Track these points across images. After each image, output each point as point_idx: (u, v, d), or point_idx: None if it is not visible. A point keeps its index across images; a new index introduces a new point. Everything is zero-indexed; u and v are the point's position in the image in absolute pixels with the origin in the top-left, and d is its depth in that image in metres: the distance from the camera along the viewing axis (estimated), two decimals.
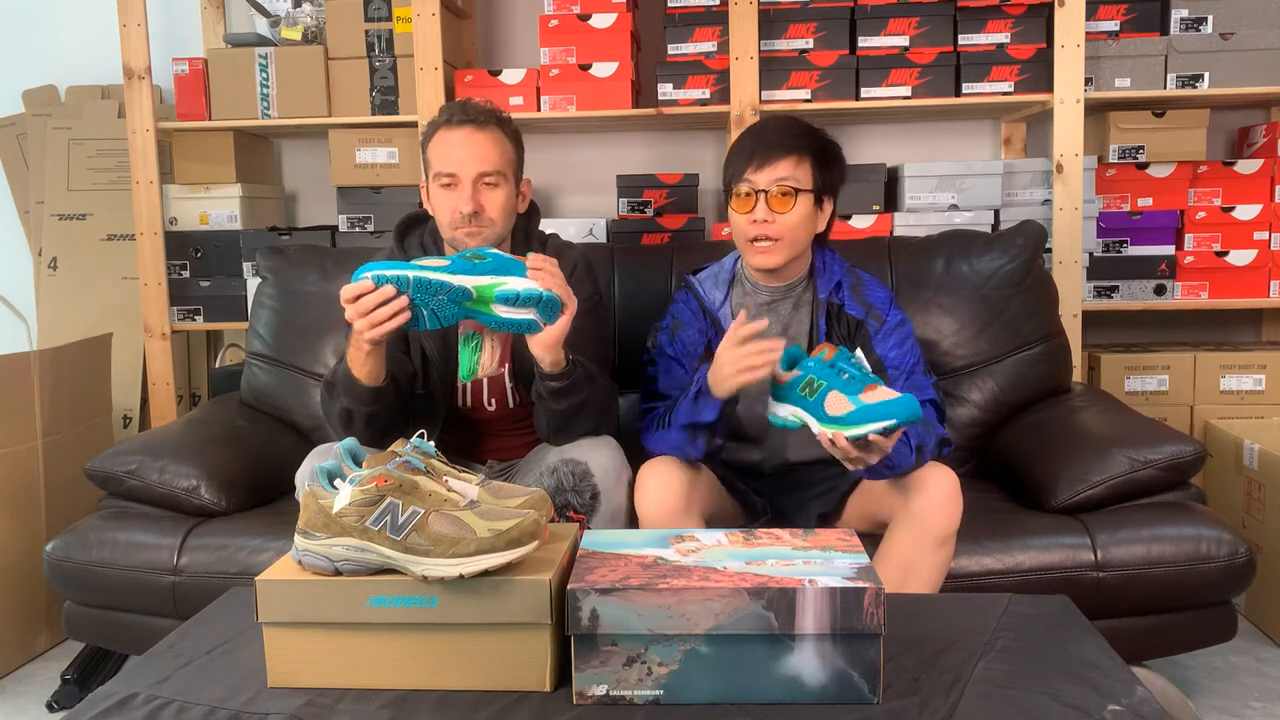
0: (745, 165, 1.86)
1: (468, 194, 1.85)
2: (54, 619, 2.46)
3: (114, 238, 3.12)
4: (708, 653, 1.19)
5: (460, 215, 1.85)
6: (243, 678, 1.28)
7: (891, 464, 1.68)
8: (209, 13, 3.18)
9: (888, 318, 1.92)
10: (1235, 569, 1.88)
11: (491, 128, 1.89)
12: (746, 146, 1.88)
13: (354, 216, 2.94)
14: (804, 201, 1.86)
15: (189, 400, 3.20)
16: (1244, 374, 2.79)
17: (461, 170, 1.85)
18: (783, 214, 1.84)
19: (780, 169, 1.84)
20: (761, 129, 1.91)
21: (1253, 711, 2.06)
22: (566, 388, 1.77)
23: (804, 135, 1.88)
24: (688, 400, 1.78)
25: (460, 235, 1.87)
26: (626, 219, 2.90)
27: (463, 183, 1.85)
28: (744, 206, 1.86)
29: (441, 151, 1.88)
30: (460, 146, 1.86)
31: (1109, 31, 2.80)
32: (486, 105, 1.92)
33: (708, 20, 2.77)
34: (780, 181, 1.84)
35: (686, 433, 1.77)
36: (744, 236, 1.88)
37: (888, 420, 1.57)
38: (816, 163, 1.87)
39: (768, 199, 1.84)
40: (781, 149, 1.85)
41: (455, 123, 1.88)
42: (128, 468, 2.09)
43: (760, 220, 1.84)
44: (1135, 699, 1.17)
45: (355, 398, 1.78)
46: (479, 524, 1.21)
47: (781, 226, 1.85)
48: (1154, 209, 2.85)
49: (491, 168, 1.87)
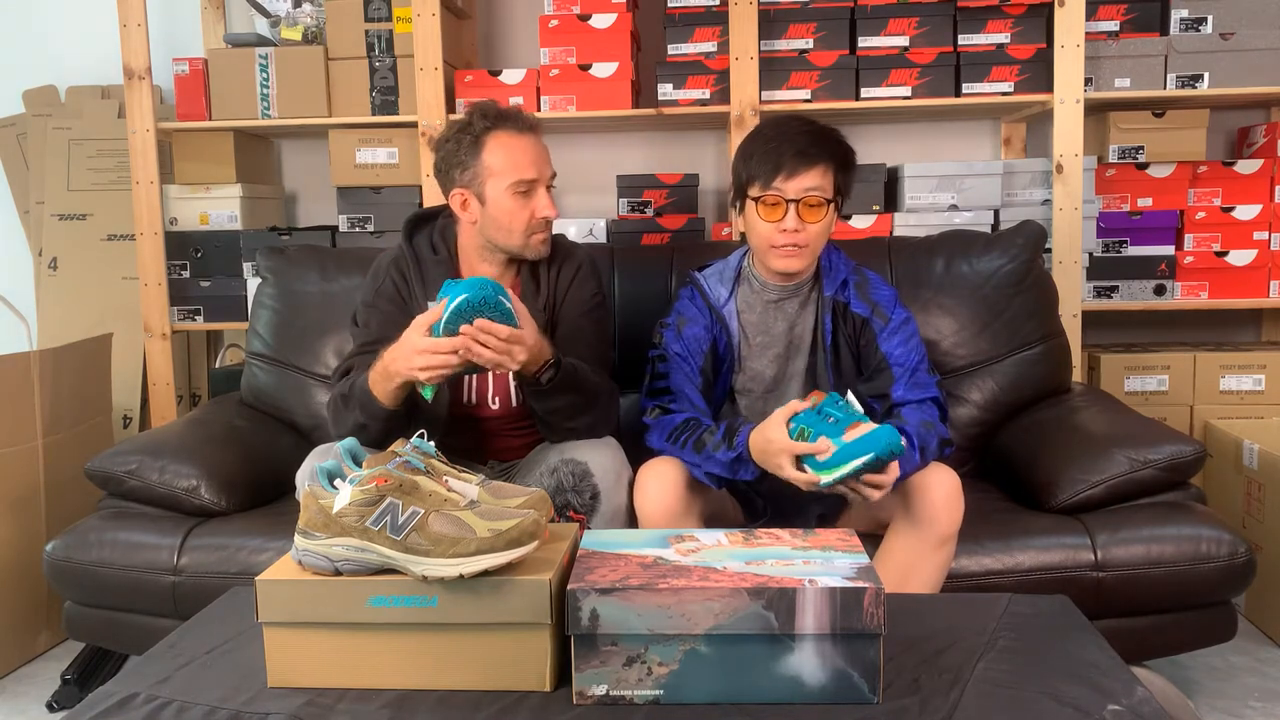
0: (774, 173, 1.84)
1: (548, 199, 1.90)
2: (54, 619, 2.46)
3: (114, 238, 3.12)
4: (708, 653, 1.19)
5: (541, 221, 1.89)
6: (243, 678, 1.28)
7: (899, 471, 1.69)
8: (209, 13, 3.18)
9: (893, 315, 1.92)
10: (1235, 569, 1.88)
11: (539, 132, 1.93)
12: (773, 153, 1.85)
13: (354, 216, 2.94)
14: (830, 210, 1.87)
15: (189, 400, 3.20)
16: (1244, 374, 2.79)
17: (542, 176, 1.89)
18: (813, 223, 1.85)
19: (810, 179, 1.84)
20: (785, 135, 1.86)
21: (1253, 711, 2.06)
22: (546, 391, 1.80)
23: (831, 144, 1.88)
24: (721, 460, 1.76)
25: (536, 241, 1.91)
26: (626, 219, 2.90)
27: (541, 188, 1.89)
28: (773, 215, 1.85)
29: (515, 157, 1.87)
30: (534, 151, 1.89)
31: (1109, 31, 2.80)
32: (518, 109, 1.95)
33: (708, 20, 2.77)
34: (810, 191, 1.83)
35: (711, 479, 1.79)
36: (768, 242, 1.87)
37: (866, 455, 1.58)
38: (840, 170, 1.88)
39: (798, 208, 1.84)
40: (811, 159, 1.84)
41: (521, 128, 1.89)
42: (128, 468, 2.09)
43: (791, 230, 1.84)
44: (1135, 699, 1.17)
45: (372, 416, 1.80)
46: (479, 524, 1.21)
47: (809, 234, 1.85)
48: (1154, 209, 2.85)
49: (553, 173, 1.93)
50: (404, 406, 1.80)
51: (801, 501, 1.98)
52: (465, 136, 1.88)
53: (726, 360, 1.96)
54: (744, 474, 1.75)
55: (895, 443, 1.58)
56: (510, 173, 1.86)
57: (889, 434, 1.58)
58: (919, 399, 1.85)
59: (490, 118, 1.88)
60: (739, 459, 1.74)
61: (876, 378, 1.89)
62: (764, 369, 1.97)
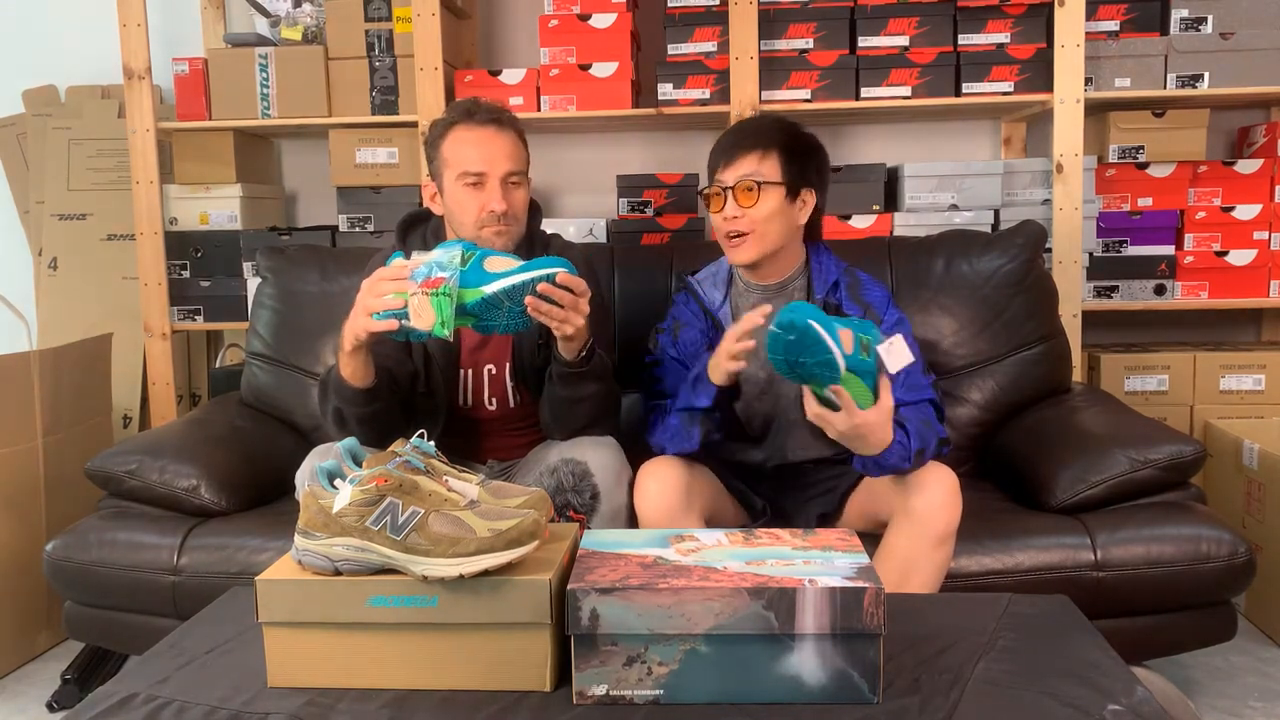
0: (715, 166, 1.91)
1: (498, 193, 1.85)
2: (54, 619, 2.46)
3: (114, 238, 3.12)
4: (708, 653, 1.19)
5: (490, 214, 1.85)
6: (243, 678, 1.28)
7: (881, 462, 1.69)
8: (209, 13, 3.18)
9: (885, 317, 1.92)
10: (1235, 569, 1.88)
11: (509, 128, 1.90)
12: (717, 148, 1.92)
13: (354, 216, 2.94)
14: (772, 195, 1.86)
15: (189, 400, 3.20)
16: (1244, 374, 2.79)
17: (491, 169, 1.85)
18: (749, 208, 1.86)
19: (744, 165, 1.87)
20: (730, 130, 1.96)
21: (1253, 711, 2.06)
22: (578, 375, 1.79)
23: (769, 130, 1.90)
24: (686, 385, 1.80)
25: (488, 234, 1.86)
26: (626, 219, 2.90)
27: (491, 181, 1.85)
28: (715, 206, 1.90)
29: (465, 150, 1.86)
30: (487, 145, 1.86)
31: (1109, 31, 2.80)
32: (496, 104, 1.92)
33: (708, 20, 2.77)
34: (744, 177, 1.86)
35: (683, 418, 1.79)
36: (720, 234, 1.91)
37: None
38: (784, 155, 1.88)
39: (734, 194, 1.86)
40: (743, 146, 1.88)
41: (478, 121, 1.87)
42: (128, 468, 2.09)
43: (730, 216, 1.86)
44: (1135, 699, 1.17)
45: (345, 399, 1.78)
46: (479, 524, 1.21)
47: (750, 220, 1.86)
48: (1154, 209, 2.85)
49: (517, 167, 1.88)
50: (377, 386, 1.76)
51: (801, 501, 1.99)
52: (435, 130, 1.91)
53: None
54: (701, 396, 1.76)
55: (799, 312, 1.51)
56: (458, 164, 1.86)
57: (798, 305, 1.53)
58: (915, 400, 1.85)
59: (457, 112, 1.90)
60: (698, 377, 1.77)
61: None
62: (756, 370, 1.96)
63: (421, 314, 1.57)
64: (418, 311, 1.57)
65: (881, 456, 1.68)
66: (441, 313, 1.56)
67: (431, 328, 1.57)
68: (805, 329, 1.51)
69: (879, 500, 1.83)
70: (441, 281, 1.56)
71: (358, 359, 1.72)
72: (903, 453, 1.69)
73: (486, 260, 1.61)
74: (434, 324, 1.56)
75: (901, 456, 1.69)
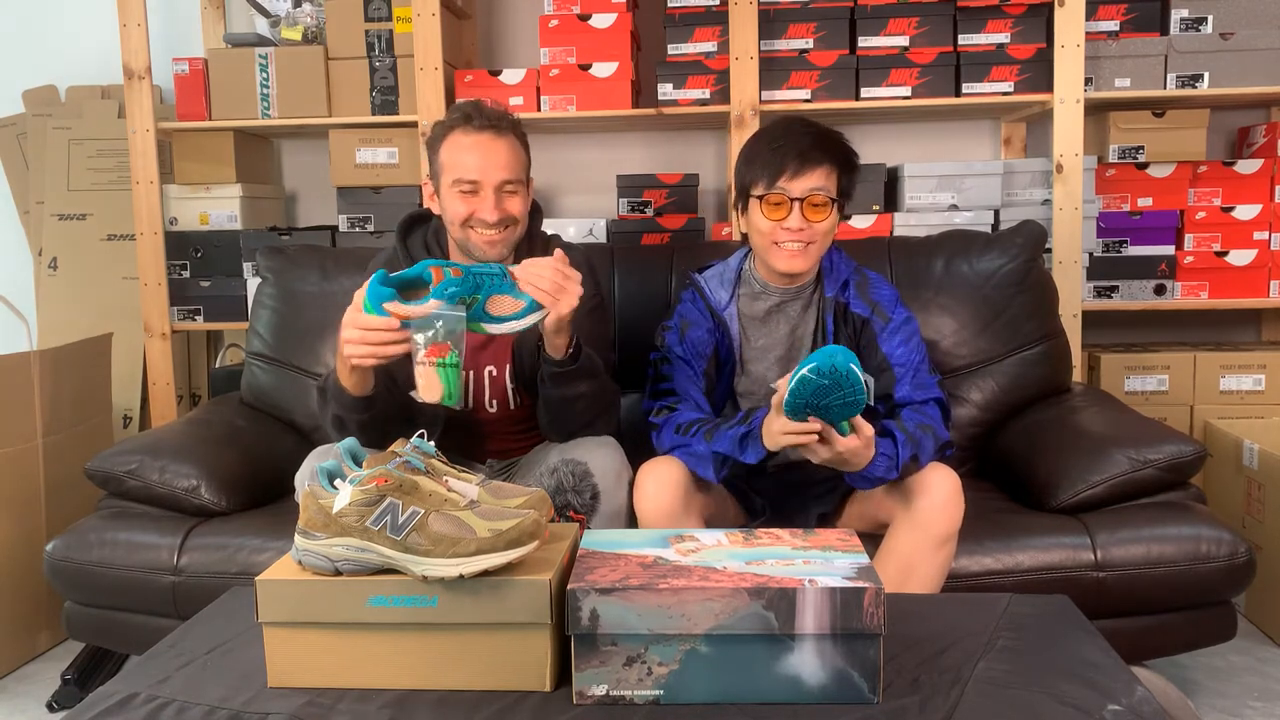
0: (778, 173, 1.85)
1: (491, 202, 1.84)
2: (54, 619, 2.46)
3: (114, 238, 3.12)
4: (708, 653, 1.19)
5: (482, 222, 1.84)
6: (243, 678, 1.28)
7: (867, 475, 1.71)
8: (209, 13, 3.18)
9: (893, 315, 1.93)
10: (1235, 569, 1.88)
11: (508, 133, 1.88)
12: (777, 153, 1.86)
13: (354, 216, 2.94)
14: (834, 210, 1.88)
15: (189, 400, 3.20)
16: (1244, 374, 2.79)
17: (485, 178, 1.84)
18: (817, 222, 1.85)
19: (815, 178, 1.84)
20: (790, 136, 1.88)
21: (1253, 711, 2.06)
22: (567, 374, 1.78)
23: (835, 146, 1.89)
24: (731, 435, 1.76)
25: (481, 242, 1.86)
26: (626, 219, 2.90)
27: (485, 190, 1.84)
28: (776, 214, 1.85)
29: (460, 157, 1.85)
30: (482, 153, 1.84)
31: (1109, 31, 2.80)
32: (498, 108, 1.91)
33: (708, 20, 2.77)
34: (815, 191, 1.84)
35: (715, 457, 1.77)
36: (771, 240, 1.87)
37: (809, 364, 1.56)
38: (842, 171, 1.89)
39: (803, 207, 1.84)
40: (815, 159, 1.85)
41: (475, 126, 1.85)
42: (128, 468, 2.09)
43: (795, 228, 1.84)
44: (1135, 699, 1.17)
45: (344, 406, 1.77)
46: (479, 524, 1.21)
47: (814, 233, 1.86)
48: (1154, 209, 2.85)
49: (513, 176, 1.86)
50: (377, 393, 1.75)
51: (802, 501, 1.99)
52: (436, 132, 1.91)
53: (728, 363, 1.96)
54: (749, 454, 1.73)
55: (840, 356, 1.54)
56: (453, 170, 1.85)
57: (836, 350, 1.55)
58: (922, 399, 1.86)
59: (456, 116, 1.88)
60: (749, 434, 1.74)
61: (879, 378, 1.89)
62: (765, 371, 1.97)
63: (430, 386, 1.55)
64: (424, 382, 1.55)
65: (867, 470, 1.70)
66: (449, 385, 1.54)
67: (440, 399, 1.55)
68: (847, 373, 1.55)
69: (880, 501, 1.83)
70: (447, 350, 1.54)
71: (361, 372, 1.73)
72: (888, 464, 1.71)
73: (490, 302, 1.60)
74: (442, 395, 1.55)
75: (887, 468, 1.71)
